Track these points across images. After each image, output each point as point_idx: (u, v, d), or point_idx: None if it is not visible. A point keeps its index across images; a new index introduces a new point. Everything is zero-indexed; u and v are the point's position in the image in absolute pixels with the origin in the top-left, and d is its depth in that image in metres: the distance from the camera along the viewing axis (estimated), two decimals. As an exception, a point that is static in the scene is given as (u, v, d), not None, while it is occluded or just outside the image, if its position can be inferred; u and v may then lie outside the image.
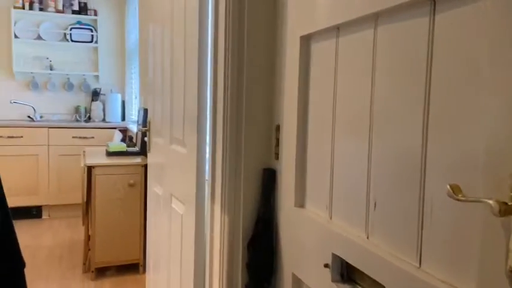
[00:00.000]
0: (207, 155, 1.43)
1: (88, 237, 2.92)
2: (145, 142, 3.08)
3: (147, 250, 2.34)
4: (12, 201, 4.06)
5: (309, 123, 1.07)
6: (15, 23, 4.26)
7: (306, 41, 1.06)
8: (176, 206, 1.68)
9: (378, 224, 0.80)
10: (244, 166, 1.28)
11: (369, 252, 0.79)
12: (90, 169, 2.76)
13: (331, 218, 0.96)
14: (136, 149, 3.15)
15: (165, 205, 1.85)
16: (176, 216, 1.67)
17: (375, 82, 0.80)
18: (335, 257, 0.91)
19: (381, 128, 0.78)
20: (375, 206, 0.81)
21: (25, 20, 4.34)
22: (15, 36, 4.26)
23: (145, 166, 2.85)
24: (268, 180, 1.28)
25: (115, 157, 2.97)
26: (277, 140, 1.26)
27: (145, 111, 3.09)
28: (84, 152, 3.35)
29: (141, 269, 2.86)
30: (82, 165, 2.76)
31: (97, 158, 2.92)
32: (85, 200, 2.91)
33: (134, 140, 3.45)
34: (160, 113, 1.93)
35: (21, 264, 1.09)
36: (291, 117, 1.13)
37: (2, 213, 1.01)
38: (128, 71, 4.58)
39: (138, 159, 2.92)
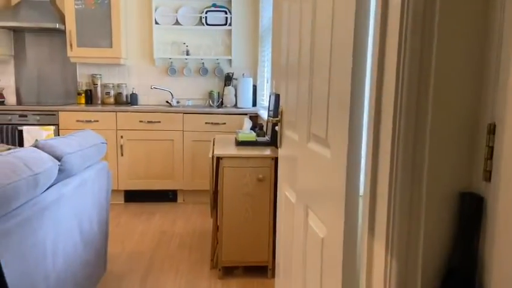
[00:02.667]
0: (363, 163, 1.00)
1: (216, 232, 2.75)
2: (276, 132, 2.77)
3: (277, 255, 2.02)
4: (152, 184, 4.22)
5: None
6: (155, 10, 4.35)
7: None
8: (314, 224, 1.28)
9: None
10: (426, 186, 0.81)
11: None
12: (218, 160, 2.55)
13: None
14: (267, 138, 2.85)
15: (298, 217, 1.47)
16: (314, 237, 1.27)
17: None
18: None
19: None
20: None
21: (164, 6, 4.40)
22: (156, 23, 4.35)
23: (276, 159, 2.52)
24: (470, 211, 0.79)
25: (244, 147, 2.72)
26: (490, 148, 0.76)
27: (277, 97, 2.76)
28: (214, 139, 3.20)
29: (269, 272, 2.58)
30: (210, 155, 2.57)
31: (226, 147, 2.71)
32: (213, 191, 2.74)
33: (264, 129, 3.17)
34: (295, 102, 1.54)
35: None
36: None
37: None
38: (261, 54, 4.33)
39: (267, 151, 2.61)
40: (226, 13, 4.40)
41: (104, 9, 4.09)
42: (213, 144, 3.05)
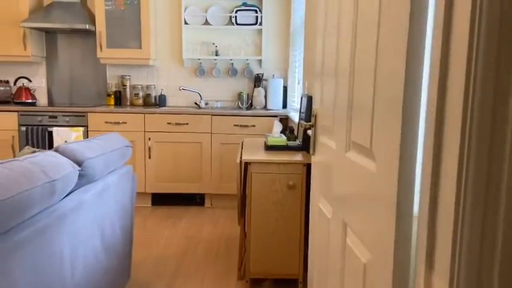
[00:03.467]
0: (417, 179, 0.83)
1: (243, 240, 2.62)
2: (308, 136, 2.61)
3: (309, 270, 1.87)
4: (179, 188, 4.14)
5: None
6: (185, 9, 4.27)
7: None
8: (355, 246, 1.12)
9: None
10: (505, 214, 0.64)
11: None
12: (246, 165, 2.41)
13: None
14: (298, 142, 2.70)
15: (335, 234, 1.32)
16: (354, 261, 1.11)
17: None
18: None
19: None
20: None
21: (194, 5, 4.31)
22: (185, 23, 4.27)
23: (308, 165, 2.37)
24: None
25: (274, 152, 2.57)
26: None
27: (309, 99, 2.60)
28: (242, 142, 3.08)
29: (300, 286, 2.42)
30: (238, 160, 2.44)
31: (254, 152, 2.57)
32: (240, 197, 2.61)
33: (295, 132, 3.01)
34: (332, 106, 1.38)
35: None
36: None
37: None
38: (292, 54, 4.18)
39: (299, 157, 2.46)
40: (256, 12, 4.28)
41: (133, 10, 4.04)
42: (241, 148, 2.92)
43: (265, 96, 4.30)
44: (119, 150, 2.20)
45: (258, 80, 4.31)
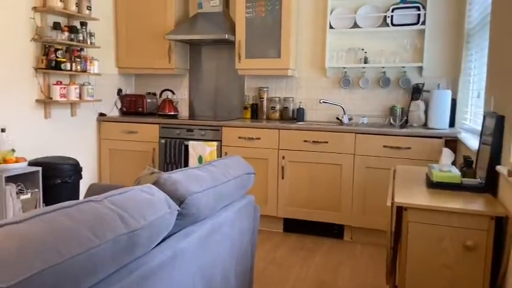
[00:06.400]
0: None
1: (391, 307, 1.96)
2: (493, 170, 1.82)
3: None
4: (314, 215, 3.59)
5: None
6: (331, 12, 3.76)
7: None
8: None
9: None
10: None
11: None
12: (400, 209, 1.76)
13: None
14: (479, 180, 1.91)
15: None
16: None
17: None
18: None
19: None
20: None
21: (342, 7, 3.77)
22: (330, 27, 3.76)
23: (498, 219, 1.60)
24: None
25: (441, 192, 1.85)
26: None
27: (499, 119, 1.81)
28: (394, 170, 2.41)
29: None
30: (388, 203, 1.80)
31: (412, 190, 1.89)
32: (390, 249, 1.95)
33: (473, 164, 2.20)
34: None
35: None
36: None
37: None
38: (465, 59, 3.29)
39: (480, 203, 1.70)
40: (418, 9, 3.52)
41: (274, 16, 3.71)
42: (393, 178, 2.26)
43: (426, 112, 3.49)
44: (237, 180, 1.80)
45: (416, 92, 3.53)
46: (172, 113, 4.11)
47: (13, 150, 2.92)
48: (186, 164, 3.72)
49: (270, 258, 3.06)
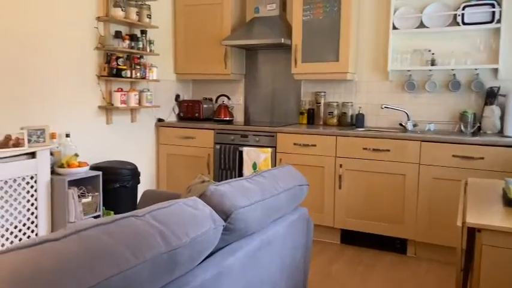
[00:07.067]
0: None
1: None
2: None
3: None
4: (374, 227, 3.35)
5: None
6: (394, 11, 3.54)
7: None
8: None
9: None
10: None
11: None
12: (473, 230, 1.56)
13: None
14: None
15: None
16: None
17: None
18: None
19: None
20: None
21: (407, 5, 3.54)
22: (394, 28, 3.54)
23: None
24: None
25: (523, 213, 1.62)
26: None
27: None
28: (466, 183, 2.18)
29: None
30: (459, 223, 1.60)
31: (486, 208, 1.68)
32: (461, 269, 1.74)
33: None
34: None
35: None
36: None
37: None
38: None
39: None
40: (493, 6, 3.20)
41: (332, 18, 3.56)
42: (464, 192, 2.04)
43: (501, 118, 3.16)
44: (288, 192, 1.70)
45: (491, 96, 3.21)
46: (227, 119, 4.09)
47: (76, 155, 3.04)
48: (240, 170, 3.68)
49: (326, 271, 2.92)
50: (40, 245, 0.83)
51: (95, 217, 3.07)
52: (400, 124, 3.58)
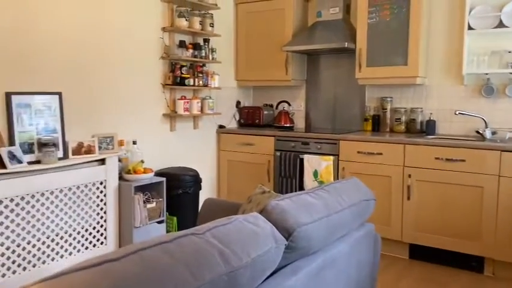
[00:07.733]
0: None
1: None
2: None
3: None
4: (447, 243, 3.02)
5: None
6: (469, 11, 3.28)
7: None
8: None
9: None
10: None
11: None
12: None
13: None
14: None
15: None
16: None
17: None
18: None
19: None
20: None
21: (484, 4, 3.26)
22: (469, 28, 3.27)
23: None
24: None
25: None
26: None
27: None
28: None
29: None
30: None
31: None
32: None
33: None
34: None
35: None
36: None
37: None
38: None
39: None
40: None
41: (401, 19, 3.37)
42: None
43: None
44: (353, 207, 1.59)
45: None
46: (288, 125, 4.03)
47: (142, 162, 3.14)
48: (301, 178, 3.59)
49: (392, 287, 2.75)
50: (99, 266, 0.82)
51: (159, 222, 3.14)
52: (477, 132, 3.30)
